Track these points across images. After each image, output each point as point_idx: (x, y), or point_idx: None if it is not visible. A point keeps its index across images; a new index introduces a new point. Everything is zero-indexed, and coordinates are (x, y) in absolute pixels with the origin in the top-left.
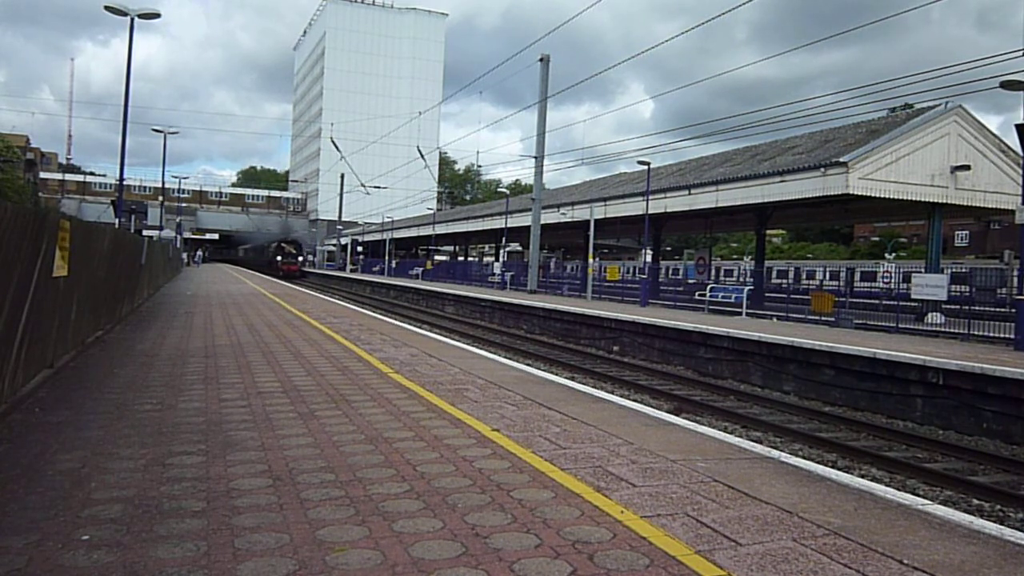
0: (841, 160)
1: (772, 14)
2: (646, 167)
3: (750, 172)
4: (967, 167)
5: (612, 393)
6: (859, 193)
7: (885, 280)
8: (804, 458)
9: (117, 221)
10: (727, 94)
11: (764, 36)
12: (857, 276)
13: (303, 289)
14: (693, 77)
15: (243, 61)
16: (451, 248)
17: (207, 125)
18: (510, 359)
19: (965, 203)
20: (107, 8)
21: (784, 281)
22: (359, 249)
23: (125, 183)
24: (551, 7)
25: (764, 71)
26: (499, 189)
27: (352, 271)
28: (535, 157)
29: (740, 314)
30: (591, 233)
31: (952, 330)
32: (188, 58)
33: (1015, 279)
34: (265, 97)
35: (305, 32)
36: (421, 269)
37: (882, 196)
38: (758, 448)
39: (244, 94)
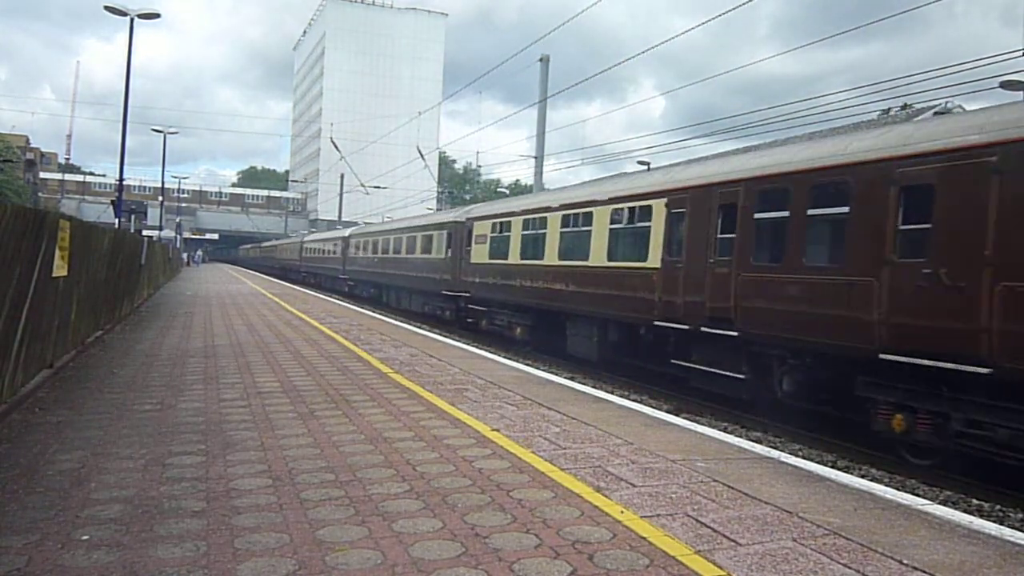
0: None
1: (795, 9)
2: (645, 167)
3: None
4: None
5: (612, 393)
6: None
7: None
8: (804, 458)
9: (117, 221)
10: (743, 91)
11: (784, 32)
12: None
13: (303, 289)
14: (711, 74)
15: (249, 57)
16: None
17: (211, 124)
18: (510, 359)
19: None
20: (107, 8)
21: None
22: None
23: (125, 183)
24: (567, 2)
25: (782, 68)
26: (499, 189)
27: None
28: (535, 157)
29: None
30: None
31: None
32: (193, 54)
33: None
34: (270, 95)
35: (305, 32)
36: None
37: None
38: (758, 448)
39: (249, 92)
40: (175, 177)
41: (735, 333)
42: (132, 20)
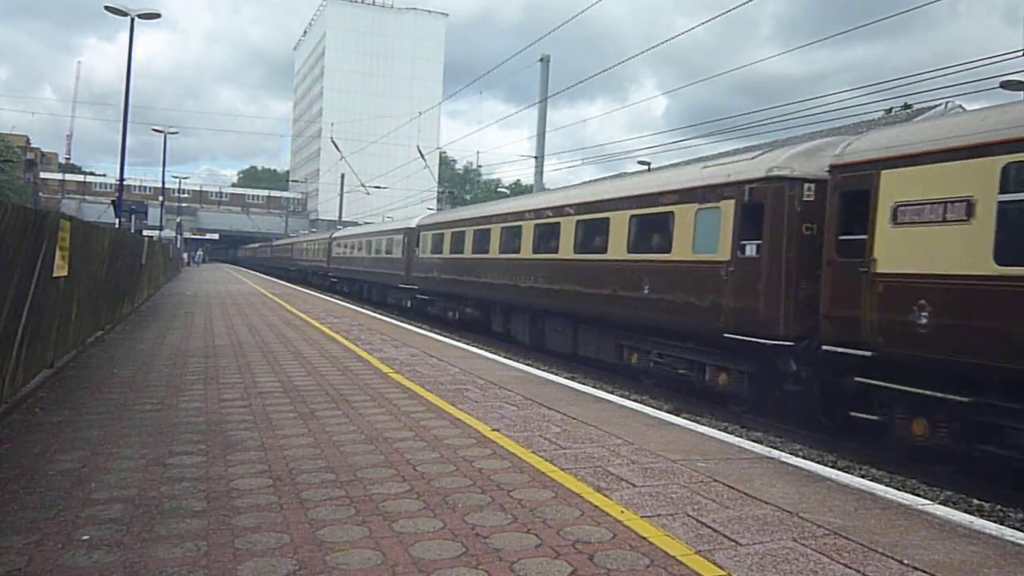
0: None
1: (797, 8)
2: (645, 167)
3: None
4: None
5: (612, 393)
6: None
7: None
8: (804, 458)
9: (117, 221)
10: (746, 90)
11: (788, 31)
12: None
13: (304, 289)
14: (713, 74)
15: (250, 57)
16: None
17: (211, 124)
18: (511, 359)
19: None
20: (107, 8)
21: None
22: None
23: (125, 183)
24: (568, 1)
25: (785, 67)
26: (499, 189)
27: None
28: (535, 157)
29: None
30: None
31: None
32: (194, 53)
33: None
34: (272, 94)
35: (305, 32)
36: None
37: None
38: (758, 448)
39: (251, 91)
40: (175, 177)
41: None
42: (132, 20)
